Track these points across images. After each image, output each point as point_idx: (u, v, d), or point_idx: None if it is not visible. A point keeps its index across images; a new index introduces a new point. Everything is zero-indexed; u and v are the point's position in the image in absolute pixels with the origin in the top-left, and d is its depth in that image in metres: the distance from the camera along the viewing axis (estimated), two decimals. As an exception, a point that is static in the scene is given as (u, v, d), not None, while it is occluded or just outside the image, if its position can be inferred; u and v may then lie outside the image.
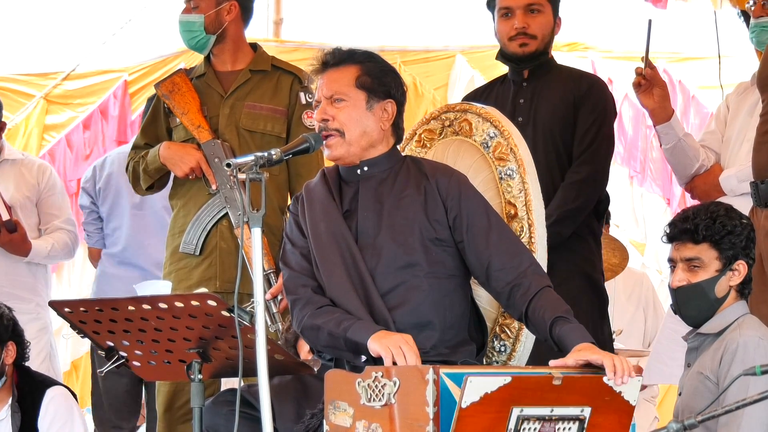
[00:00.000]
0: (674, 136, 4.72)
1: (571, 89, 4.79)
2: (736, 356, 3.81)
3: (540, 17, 4.79)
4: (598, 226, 4.83)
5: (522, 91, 4.83)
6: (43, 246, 5.83)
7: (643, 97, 4.67)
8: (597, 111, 4.75)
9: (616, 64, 8.00)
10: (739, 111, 4.84)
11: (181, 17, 5.00)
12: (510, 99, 4.83)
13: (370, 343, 3.49)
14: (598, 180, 4.74)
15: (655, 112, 4.70)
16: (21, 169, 5.92)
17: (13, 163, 5.91)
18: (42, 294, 5.89)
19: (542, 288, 3.63)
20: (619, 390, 3.31)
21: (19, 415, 4.88)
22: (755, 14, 4.83)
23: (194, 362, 3.57)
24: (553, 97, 4.78)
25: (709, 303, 3.95)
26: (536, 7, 4.79)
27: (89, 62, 8.51)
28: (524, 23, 4.78)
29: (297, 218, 3.83)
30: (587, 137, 4.72)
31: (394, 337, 3.49)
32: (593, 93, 4.78)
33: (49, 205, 5.94)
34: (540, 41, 4.79)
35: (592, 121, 4.74)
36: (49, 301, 3.70)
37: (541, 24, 4.79)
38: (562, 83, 4.81)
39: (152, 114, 5.11)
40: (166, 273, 5.02)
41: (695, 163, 4.78)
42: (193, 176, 4.90)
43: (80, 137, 8.22)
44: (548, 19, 4.81)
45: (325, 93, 3.78)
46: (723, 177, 4.73)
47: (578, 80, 4.82)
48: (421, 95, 8.34)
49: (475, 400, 3.16)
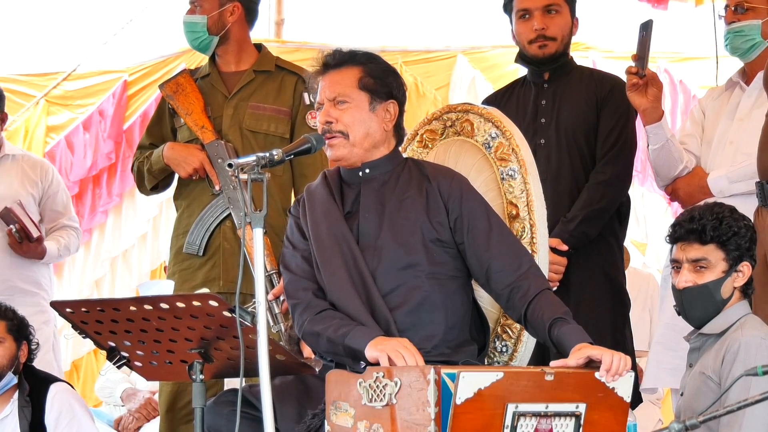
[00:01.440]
0: (663, 137, 4.73)
1: (594, 90, 4.78)
2: (738, 356, 3.81)
3: (558, 18, 4.78)
4: (620, 227, 4.83)
5: (543, 93, 4.83)
6: (54, 247, 5.88)
7: (637, 97, 4.66)
8: (620, 112, 4.75)
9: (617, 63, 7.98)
10: (719, 115, 4.84)
11: (185, 18, 5.01)
12: (532, 100, 4.82)
13: (367, 351, 3.49)
14: (622, 180, 4.74)
15: (647, 112, 4.70)
16: (23, 165, 5.93)
17: (14, 158, 5.92)
18: (46, 288, 5.92)
19: (541, 290, 3.63)
20: (612, 386, 3.32)
21: (30, 408, 4.92)
22: (727, 20, 4.83)
23: (196, 362, 3.57)
24: (576, 98, 4.78)
25: (715, 304, 3.95)
26: (554, 7, 4.77)
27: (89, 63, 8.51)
28: (543, 24, 4.76)
29: (298, 220, 3.83)
30: (611, 138, 4.72)
31: (392, 342, 3.48)
32: (616, 94, 4.77)
33: (55, 203, 5.96)
34: (559, 42, 4.78)
35: (615, 122, 4.74)
36: (51, 302, 3.70)
37: (560, 25, 4.78)
38: (584, 84, 4.81)
39: (157, 114, 5.13)
40: (170, 273, 5.03)
41: (679, 165, 4.78)
42: (197, 177, 4.90)
43: (80, 138, 8.22)
44: (566, 19, 4.80)
45: (327, 95, 3.77)
46: (712, 178, 4.73)
47: (600, 81, 4.82)
48: (423, 95, 8.34)
49: (470, 396, 3.17)
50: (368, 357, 3.48)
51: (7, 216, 5.71)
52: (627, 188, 4.81)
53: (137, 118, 8.23)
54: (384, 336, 3.53)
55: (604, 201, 4.68)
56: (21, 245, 5.74)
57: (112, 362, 3.75)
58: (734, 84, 4.89)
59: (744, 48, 4.79)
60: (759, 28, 4.76)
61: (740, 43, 4.79)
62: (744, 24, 4.77)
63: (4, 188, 5.79)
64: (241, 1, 5.01)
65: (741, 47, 4.79)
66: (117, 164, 8.26)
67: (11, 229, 5.70)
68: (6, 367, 4.93)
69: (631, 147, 4.78)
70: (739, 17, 4.78)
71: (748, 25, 4.76)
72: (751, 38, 4.76)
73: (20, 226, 5.71)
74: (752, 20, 4.76)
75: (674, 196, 4.85)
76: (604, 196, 4.68)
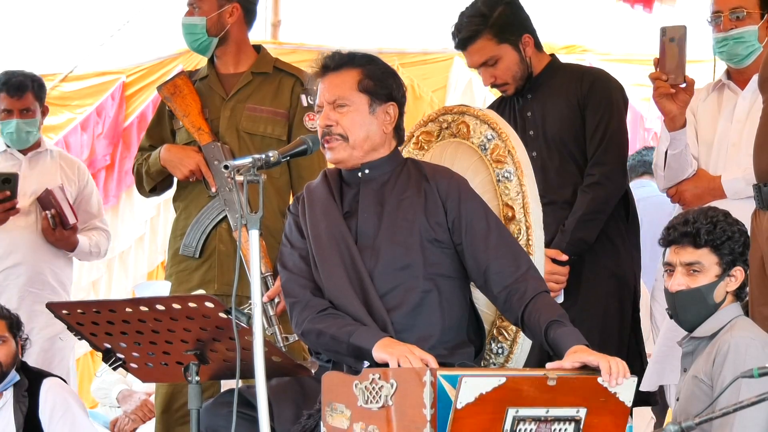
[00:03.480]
0: (683, 143, 4.71)
1: (574, 91, 4.76)
2: (727, 357, 3.80)
3: (500, 65, 4.76)
4: (626, 227, 4.80)
5: (528, 105, 4.81)
6: (86, 243, 5.90)
7: (668, 103, 4.62)
8: (602, 108, 4.72)
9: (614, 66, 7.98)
10: (714, 117, 4.81)
11: (183, 20, 4.99)
12: (519, 114, 4.82)
13: (375, 350, 3.48)
14: (612, 179, 4.70)
15: (676, 119, 4.66)
16: (60, 163, 5.96)
17: (52, 155, 5.95)
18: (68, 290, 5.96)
19: (539, 292, 3.62)
20: (614, 391, 3.31)
21: (27, 400, 4.94)
22: (724, 27, 4.76)
23: (192, 364, 3.57)
24: (559, 104, 4.76)
25: (708, 308, 3.94)
26: (491, 61, 4.77)
27: (87, 64, 8.51)
28: (490, 79, 4.81)
29: (297, 219, 3.83)
30: (596, 137, 4.70)
31: (402, 347, 3.47)
32: (596, 90, 4.74)
33: (89, 204, 5.99)
34: (513, 83, 4.79)
35: (598, 120, 4.71)
36: (47, 303, 3.70)
37: (504, 70, 4.77)
38: (565, 87, 4.78)
39: (157, 116, 5.13)
40: (167, 275, 5.04)
41: (689, 169, 4.77)
42: (194, 179, 4.90)
43: (78, 139, 8.22)
44: (508, 62, 4.76)
45: (327, 98, 3.77)
46: (727, 180, 4.70)
47: (580, 80, 4.79)
48: (420, 97, 8.34)
49: (470, 401, 3.17)
50: (376, 357, 3.47)
51: (46, 199, 5.70)
52: (621, 185, 4.76)
53: (135, 119, 8.23)
54: (391, 338, 3.53)
55: (594, 203, 4.66)
56: (54, 232, 5.73)
57: (108, 364, 3.75)
58: (723, 85, 4.86)
59: (743, 54, 4.75)
60: (756, 34, 4.74)
61: (741, 50, 4.75)
62: (743, 30, 4.72)
63: (45, 183, 5.80)
64: (240, 1, 5.01)
65: (741, 54, 4.75)
66: (114, 165, 8.27)
67: (47, 214, 5.70)
68: (10, 365, 4.95)
69: (619, 141, 4.74)
70: (737, 23, 4.75)
71: (748, 32, 4.72)
72: (751, 44, 4.73)
73: (57, 211, 5.70)
74: (750, 26, 4.73)
75: (678, 197, 4.82)
76: (593, 199, 4.66)
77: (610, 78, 4.87)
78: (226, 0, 4.96)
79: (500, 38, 4.76)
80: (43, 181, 5.82)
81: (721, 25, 4.75)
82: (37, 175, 5.86)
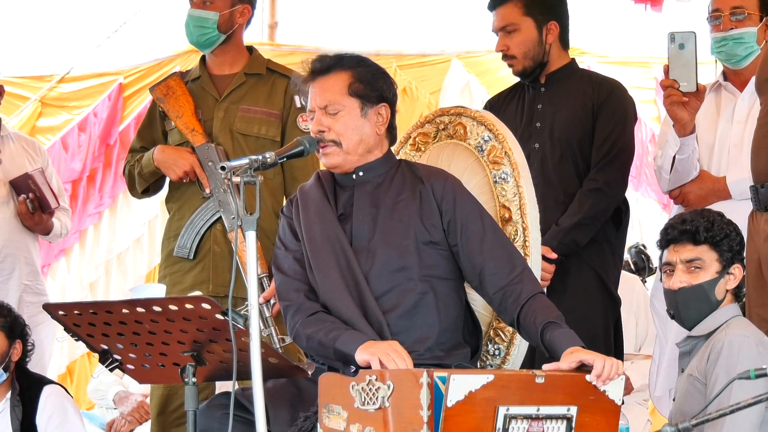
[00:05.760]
0: (691, 147, 4.71)
1: (591, 96, 4.78)
2: (721, 355, 3.81)
3: (516, 36, 4.80)
4: (615, 233, 4.82)
5: (540, 97, 4.84)
6: (58, 226, 5.91)
7: (679, 110, 4.61)
8: (616, 119, 4.75)
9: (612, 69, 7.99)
10: (713, 118, 4.82)
11: (192, 11, 4.95)
12: (528, 104, 4.83)
13: (357, 354, 3.49)
14: (615, 188, 4.74)
15: (687, 125, 4.66)
16: (22, 144, 5.94)
17: (16, 138, 5.93)
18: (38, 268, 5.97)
19: (534, 294, 3.62)
20: (603, 389, 3.32)
21: (21, 407, 4.92)
22: (724, 27, 4.76)
23: (188, 365, 3.56)
24: (572, 104, 4.78)
25: (710, 305, 3.95)
26: (509, 27, 4.81)
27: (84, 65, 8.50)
28: (503, 46, 4.83)
29: (291, 221, 3.82)
30: (605, 146, 4.73)
31: (381, 345, 3.47)
32: (613, 100, 4.77)
33: (51, 183, 5.95)
34: (522, 59, 4.81)
35: (610, 129, 4.74)
36: (43, 304, 3.69)
37: (518, 43, 4.81)
38: (581, 89, 4.81)
39: (148, 117, 5.11)
40: (161, 276, 5.03)
41: (694, 172, 4.78)
42: (187, 180, 4.89)
43: (75, 140, 8.22)
44: (525, 36, 4.80)
45: (318, 103, 3.75)
46: (733, 181, 4.70)
47: (598, 86, 4.82)
48: (417, 99, 8.34)
49: (461, 399, 3.17)
50: (358, 360, 3.48)
51: (24, 183, 5.66)
52: (620, 195, 4.80)
53: (132, 121, 8.22)
54: (373, 340, 3.53)
55: (594, 209, 4.68)
56: (33, 216, 5.71)
57: (105, 365, 3.74)
58: (720, 87, 4.86)
59: (742, 55, 4.75)
60: (755, 36, 4.74)
61: (740, 51, 4.75)
62: (743, 31, 4.72)
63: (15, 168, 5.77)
64: (251, 3, 5.01)
65: (739, 54, 4.75)
66: (111, 166, 8.26)
67: (24, 198, 5.67)
68: None
69: (627, 154, 4.78)
70: (737, 24, 4.75)
71: (747, 33, 4.72)
72: (749, 45, 4.74)
73: (36, 195, 5.67)
74: (750, 27, 4.73)
75: (682, 199, 4.82)
76: (594, 205, 4.68)
77: (626, 91, 4.91)
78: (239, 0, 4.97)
79: (526, 10, 4.81)
80: (15, 165, 5.79)
81: (720, 25, 4.75)
82: (7, 159, 5.81)
